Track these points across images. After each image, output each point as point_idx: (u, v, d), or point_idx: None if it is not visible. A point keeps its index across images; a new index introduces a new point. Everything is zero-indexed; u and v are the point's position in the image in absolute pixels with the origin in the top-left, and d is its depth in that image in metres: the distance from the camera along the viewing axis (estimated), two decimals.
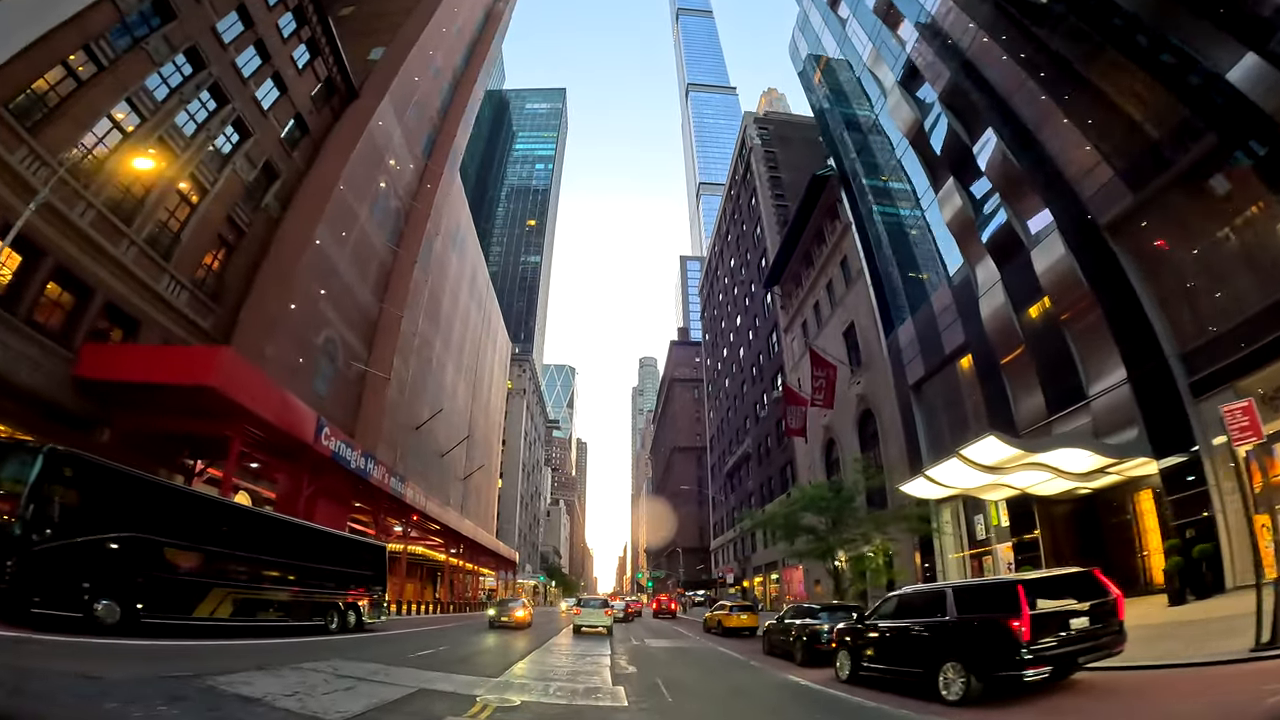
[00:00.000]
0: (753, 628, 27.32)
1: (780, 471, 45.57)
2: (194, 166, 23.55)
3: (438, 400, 50.82)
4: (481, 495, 64.84)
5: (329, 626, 19.01)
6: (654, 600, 48.27)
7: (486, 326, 69.13)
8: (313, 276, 33.19)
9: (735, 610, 27.34)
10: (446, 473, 53.34)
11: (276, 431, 22.61)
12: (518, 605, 27.99)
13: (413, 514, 35.34)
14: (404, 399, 44.21)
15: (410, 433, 45.69)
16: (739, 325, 61.83)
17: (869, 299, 33.77)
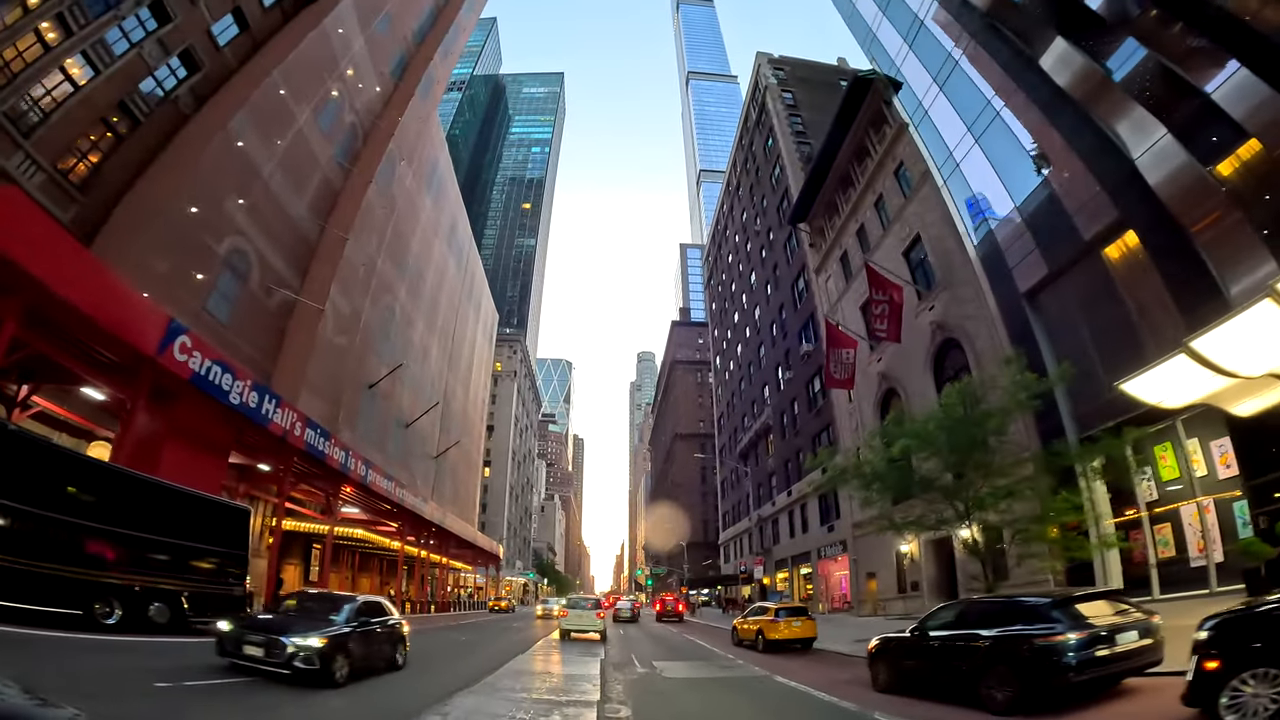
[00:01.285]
0: (809, 640, 18.77)
1: (813, 441, 36.91)
2: (87, 45, 19.51)
3: (401, 357, 42.14)
4: (459, 479, 56.05)
5: (103, 620, 10.51)
6: (657, 600, 39.40)
7: (468, 289, 60.49)
8: (224, 177, 25.91)
9: (783, 615, 18.69)
10: (412, 447, 44.65)
11: (92, 327, 14.08)
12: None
13: (344, 484, 26.65)
14: (353, 348, 35.56)
15: (362, 392, 37.05)
16: (753, 284, 53.34)
17: (941, 204, 25.38)
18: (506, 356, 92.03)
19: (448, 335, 53.23)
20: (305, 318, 31.22)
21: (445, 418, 51.76)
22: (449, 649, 17.82)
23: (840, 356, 30.49)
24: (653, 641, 23.61)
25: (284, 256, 30.70)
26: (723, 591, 68.69)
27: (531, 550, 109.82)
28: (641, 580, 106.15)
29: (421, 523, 36.34)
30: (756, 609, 20.67)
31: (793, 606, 19.92)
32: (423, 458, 46.37)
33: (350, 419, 35.14)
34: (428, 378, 47.95)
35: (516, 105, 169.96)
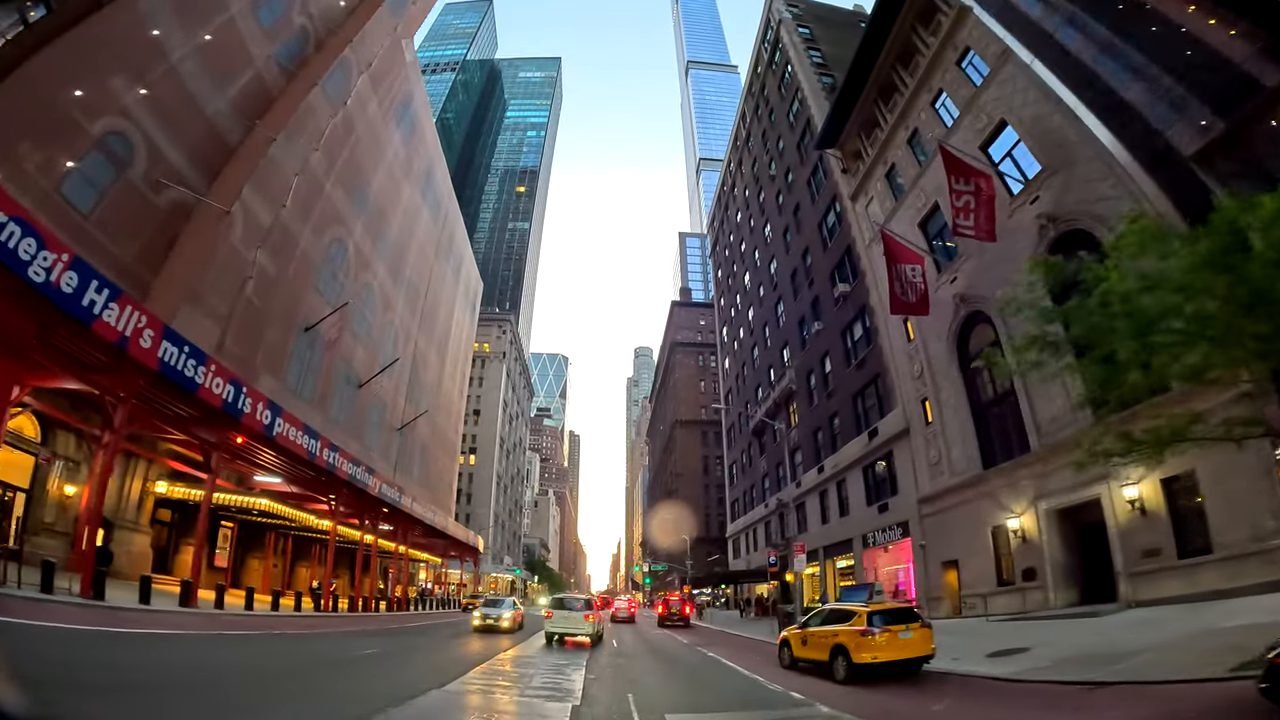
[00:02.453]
0: (920, 660, 11.13)
1: (854, 401, 29.25)
2: None
3: (353, 303, 34.49)
4: (432, 460, 48.14)
5: None
6: (659, 602, 31.53)
7: (446, 247, 52.73)
8: (116, 54, 20.11)
9: (881, 622, 10.95)
10: (367, 414, 36.93)
11: None
12: None
13: (232, 432, 18.85)
14: (283, 278, 28.18)
15: (296, 334, 29.44)
16: (767, 236, 45.75)
17: (1033, 81, 18.44)
18: (495, 337, 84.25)
19: (417, 291, 45.45)
20: (205, 225, 23.66)
21: (414, 386, 43.96)
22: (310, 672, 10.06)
23: (904, 275, 22.93)
24: (657, 661, 15.82)
25: (187, 153, 23.51)
26: (729, 591, 60.86)
27: (522, 546, 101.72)
28: (639, 578, 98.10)
29: (367, 501, 28.51)
30: (830, 613, 12.84)
31: (896, 608, 12.08)
32: (381, 428, 38.56)
33: (275, 364, 27.47)
34: (389, 334, 40.16)
35: (512, 89, 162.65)
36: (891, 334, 26.67)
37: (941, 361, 23.13)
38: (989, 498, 19.77)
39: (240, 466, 24.44)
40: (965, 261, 22.31)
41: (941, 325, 23.17)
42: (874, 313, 28.68)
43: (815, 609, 14.03)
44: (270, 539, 30.38)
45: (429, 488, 45.90)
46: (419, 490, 42.95)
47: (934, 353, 23.64)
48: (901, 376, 25.42)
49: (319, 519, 28.63)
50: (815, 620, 12.99)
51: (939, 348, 23.33)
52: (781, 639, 14.12)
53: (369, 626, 20.90)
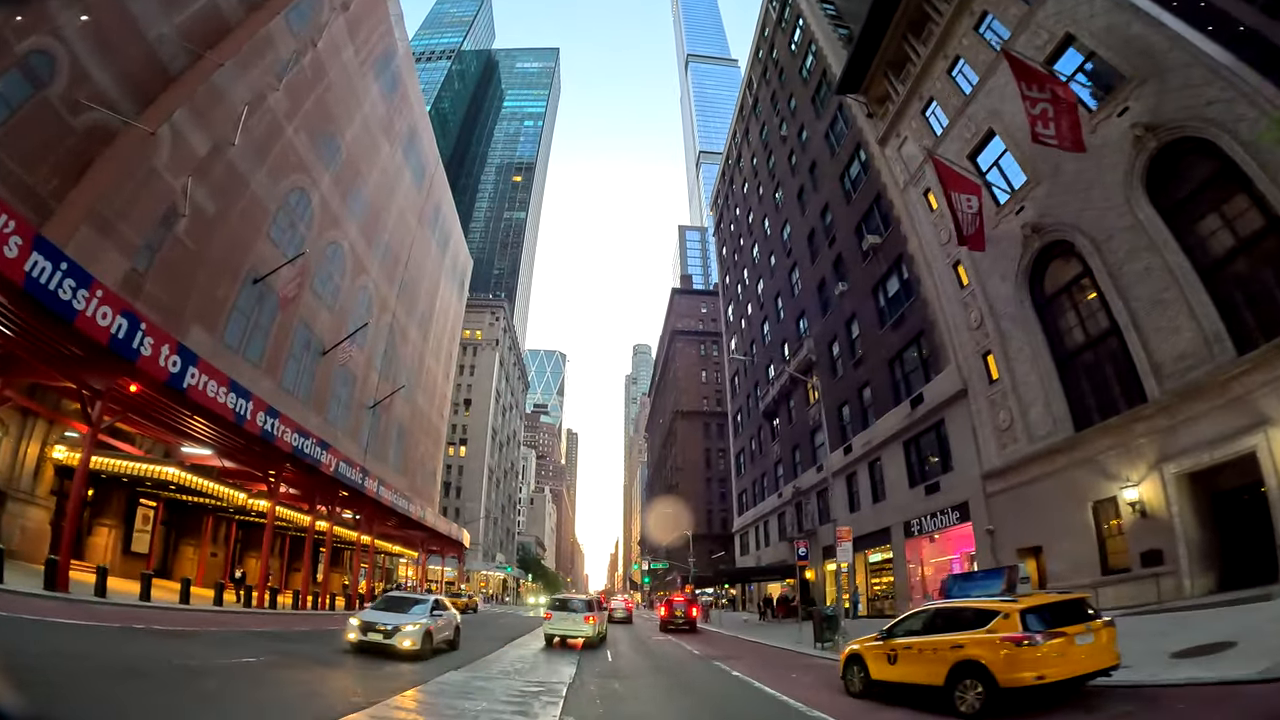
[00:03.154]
0: (1101, 673, 6.71)
1: (892, 364, 24.94)
2: None
3: (313, 257, 30.15)
4: (412, 445, 43.62)
5: None
6: (662, 604, 26.97)
7: (432, 217, 48.32)
8: None
9: (1041, 623, 6.56)
10: (333, 387, 32.57)
11: None
12: None
13: (127, 380, 14.42)
14: (226, 220, 23.92)
15: (243, 285, 25.09)
16: (778, 201, 41.49)
17: None
18: (488, 324, 79.78)
19: (396, 258, 41.02)
20: (126, 148, 19.42)
21: (391, 362, 39.51)
22: None
23: (962, 205, 18.69)
24: (666, 684, 11.29)
25: (118, 77, 19.66)
26: (734, 591, 56.39)
27: (516, 543, 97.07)
28: (637, 578, 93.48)
29: (320, 481, 24.03)
30: (937, 614, 8.36)
31: (1062, 601, 7.56)
32: (349, 404, 34.10)
33: (209, 315, 23.08)
34: (360, 300, 35.72)
35: (510, 80, 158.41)
36: (939, 281, 22.33)
37: (1008, 305, 18.80)
38: (1087, 465, 15.42)
39: (158, 433, 19.96)
40: (1034, 189, 18.09)
41: (1007, 263, 18.87)
42: (913, 261, 24.38)
43: (911, 612, 9.49)
44: (207, 524, 25.84)
45: (407, 475, 41.36)
46: (394, 477, 38.43)
47: (997, 296, 19.30)
48: (954, 329, 21.04)
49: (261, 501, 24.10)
50: (910, 625, 8.55)
51: (1004, 289, 18.99)
52: (848, 654, 9.66)
53: (274, 627, 16.29)
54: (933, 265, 23.14)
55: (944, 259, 22.49)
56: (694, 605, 26.31)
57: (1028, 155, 18.24)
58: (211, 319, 23.41)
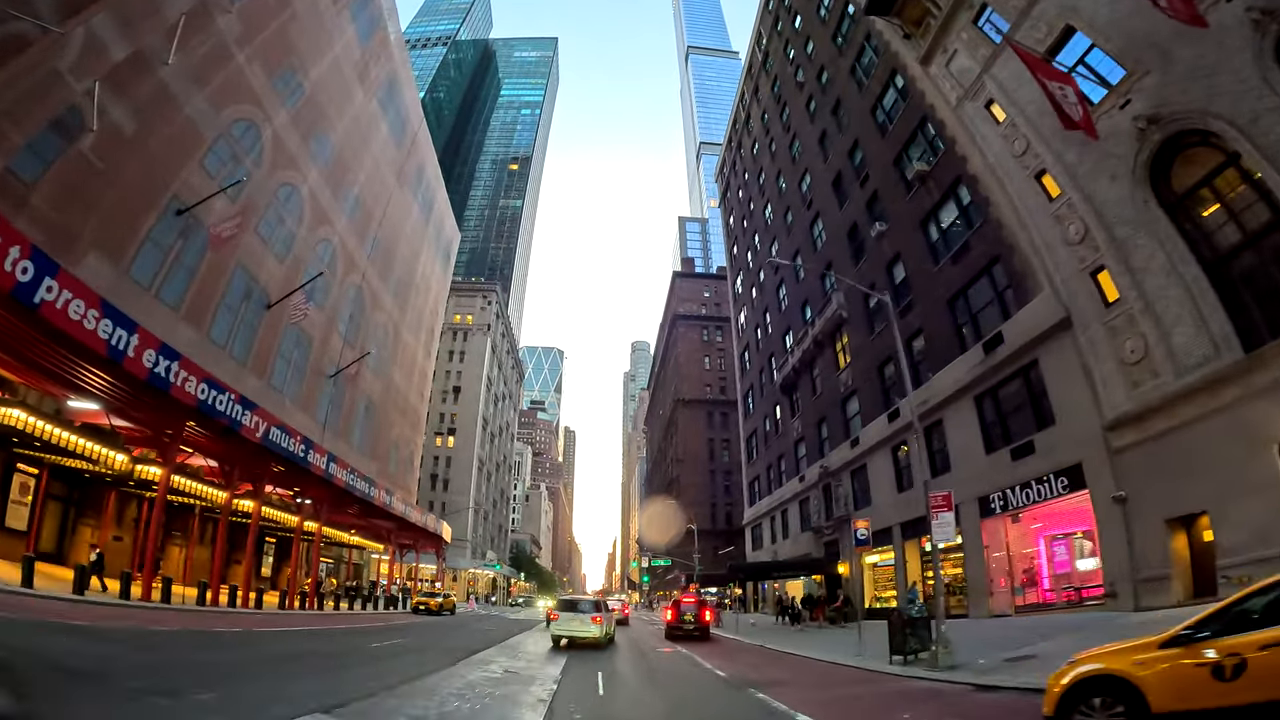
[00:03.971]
0: None
1: (954, 303, 20.08)
2: None
3: (260, 195, 25.33)
4: (384, 424, 38.54)
5: None
6: (668, 607, 21.58)
7: (414, 177, 43.40)
8: None
9: None
10: (282, 347, 27.67)
11: None
12: None
13: None
14: (151, 143, 18.87)
15: (163, 215, 20.12)
16: (796, 153, 36.71)
17: None
18: (480, 308, 74.73)
19: (368, 214, 36.13)
20: (36, 52, 14.43)
21: (358, 327, 34.53)
22: None
23: (1059, 95, 13.89)
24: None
25: None
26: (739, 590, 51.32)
27: (509, 541, 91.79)
28: (635, 576, 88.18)
29: (243, 450, 19.04)
30: None
31: None
32: (301, 370, 29.08)
33: (114, 244, 18.48)
34: (321, 252, 30.81)
35: (507, 69, 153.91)
36: (1017, 198, 17.44)
37: (1124, 208, 13.96)
38: (1267, 395, 10.51)
39: (37, 380, 15.02)
40: (1141, 79, 13.51)
41: (1116, 162, 14.11)
42: (976, 182, 19.55)
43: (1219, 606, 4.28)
44: (108, 500, 20.76)
45: (376, 458, 36.27)
46: (360, 459, 33.36)
47: (1107, 200, 14.43)
48: (1046, 249, 16.13)
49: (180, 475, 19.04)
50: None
51: (1115, 191, 14.16)
52: (1080, 678, 4.64)
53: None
54: (1006, 181, 18.34)
55: (1021, 172, 17.70)
56: (707, 608, 21.21)
57: (1125, 46, 14.04)
58: (115, 247, 18.46)
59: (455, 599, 32.10)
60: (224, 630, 13.70)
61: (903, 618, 11.59)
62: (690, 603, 21.22)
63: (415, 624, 22.62)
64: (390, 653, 12.57)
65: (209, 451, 19.68)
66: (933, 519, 11.67)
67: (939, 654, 10.65)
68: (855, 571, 23.82)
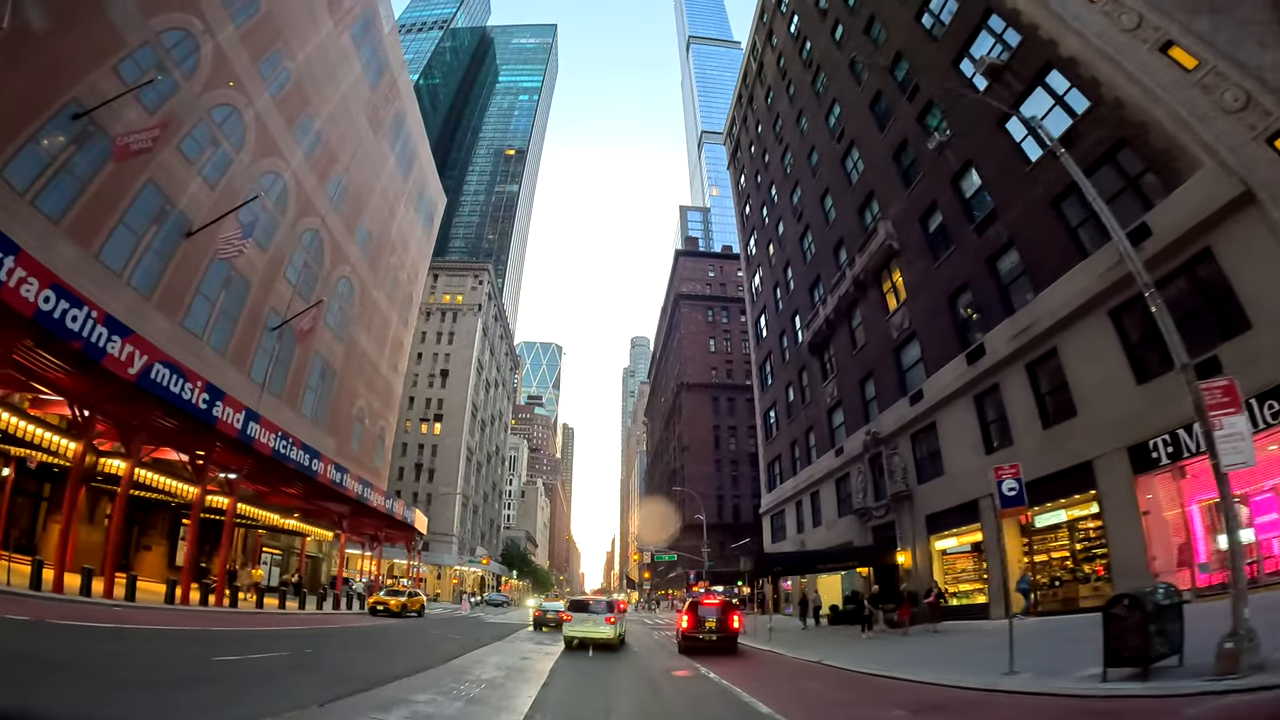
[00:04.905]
0: None
1: (1060, 202, 14.82)
2: None
3: (187, 111, 20.18)
4: (341, 393, 33.16)
5: None
6: (683, 611, 15.68)
7: (390, 124, 38.21)
8: None
9: None
10: (204, 285, 22.37)
11: None
12: None
13: None
14: (51, 36, 13.21)
15: (58, 119, 14.66)
16: (821, 86, 31.53)
17: None
18: (470, 288, 69.34)
19: (331, 155, 31.22)
20: None
21: (316, 280, 29.27)
22: None
23: None
24: None
25: None
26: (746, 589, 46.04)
27: (502, 537, 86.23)
28: (635, 575, 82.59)
29: (121, 394, 13.74)
30: None
31: None
32: (231, 314, 23.75)
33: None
34: (264, 183, 25.79)
35: (505, 55, 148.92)
36: (1141, 73, 12.73)
37: None
38: None
39: None
40: None
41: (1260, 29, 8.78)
42: (1076, 65, 14.71)
43: None
44: None
45: (335, 433, 30.87)
46: (311, 430, 27.99)
47: (1264, 65, 9.05)
48: (1200, 121, 11.22)
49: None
50: None
51: (1272, 57, 8.72)
52: None
53: None
54: (1121, 59, 13.36)
55: (1139, 46, 13.21)
56: (735, 612, 15.70)
57: None
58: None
59: (424, 599, 26.64)
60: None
61: (1152, 605, 6.22)
62: (713, 605, 15.76)
63: (350, 630, 17.20)
64: (218, 677, 7.23)
65: (64, 390, 14.35)
66: (1214, 428, 6.32)
67: (1243, 649, 5.41)
68: (923, 561, 18.43)
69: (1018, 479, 9.36)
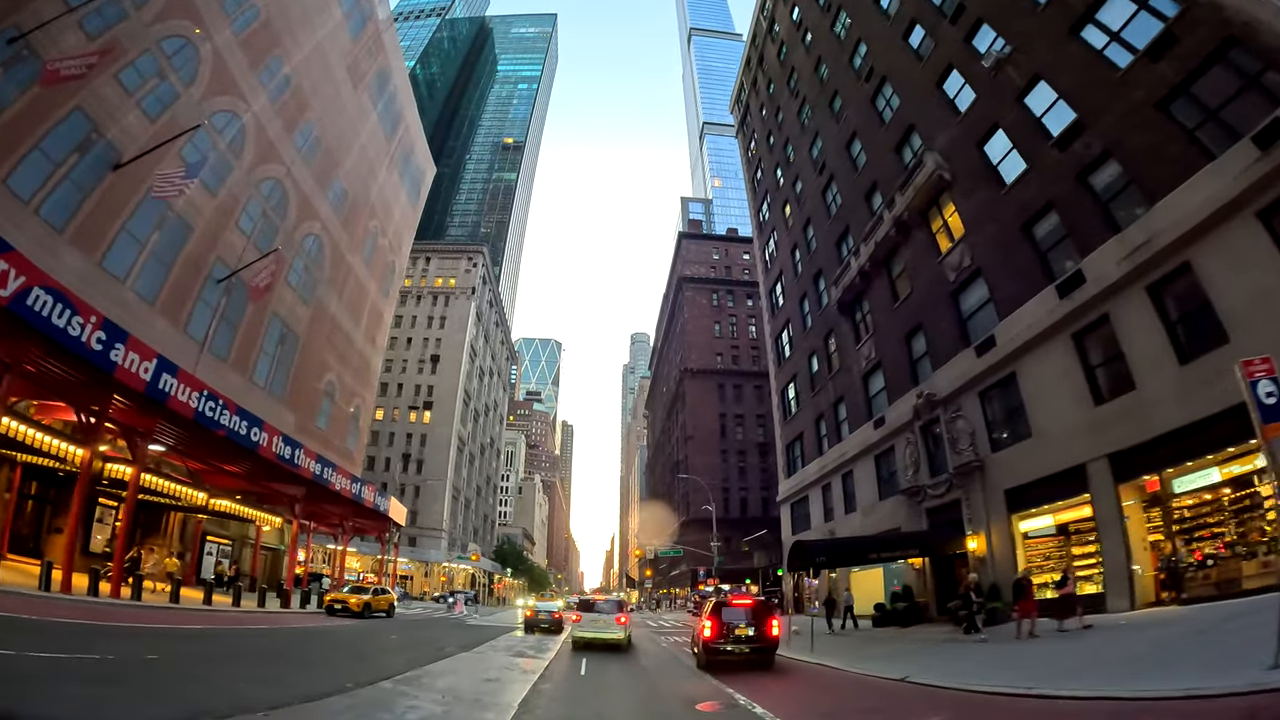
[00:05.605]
0: None
1: (1169, 103, 11.11)
2: None
3: (131, 41, 16.59)
4: (306, 360, 29.46)
5: None
6: (706, 616, 11.59)
7: (372, 76, 34.70)
8: None
9: None
10: (131, 222, 18.85)
11: None
12: None
13: None
14: None
15: None
16: (842, 28, 27.87)
17: None
18: (464, 271, 65.66)
19: (301, 103, 28.03)
20: None
21: (280, 232, 25.58)
22: None
23: None
24: None
25: None
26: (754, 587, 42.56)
27: (496, 534, 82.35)
28: (636, 572, 78.75)
29: None
30: None
31: None
32: (165, 260, 20.17)
33: None
34: (218, 123, 22.26)
35: (504, 44, 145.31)
36: None
37: None
38: None
39: None
40: None
41: None
42: None
43: None
44: None
45: (297, 408, 27.17)
46: (265, 403, 24.32)
47: None
48: None
49: None
50: None
51: None
52: None
53: None
54: None
55: None
56: (773, 615, 11.86)
57: None
58: None
59: (393, 596, 22.84)
60: None
61: None
62: (744, 606, 12.00)
63: (273, 632, 13.49)
64: None
65: None
66: None
67: None
68: (1001, 545, 14.68)
69: (1276, 378, 5.64)
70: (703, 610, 12.96)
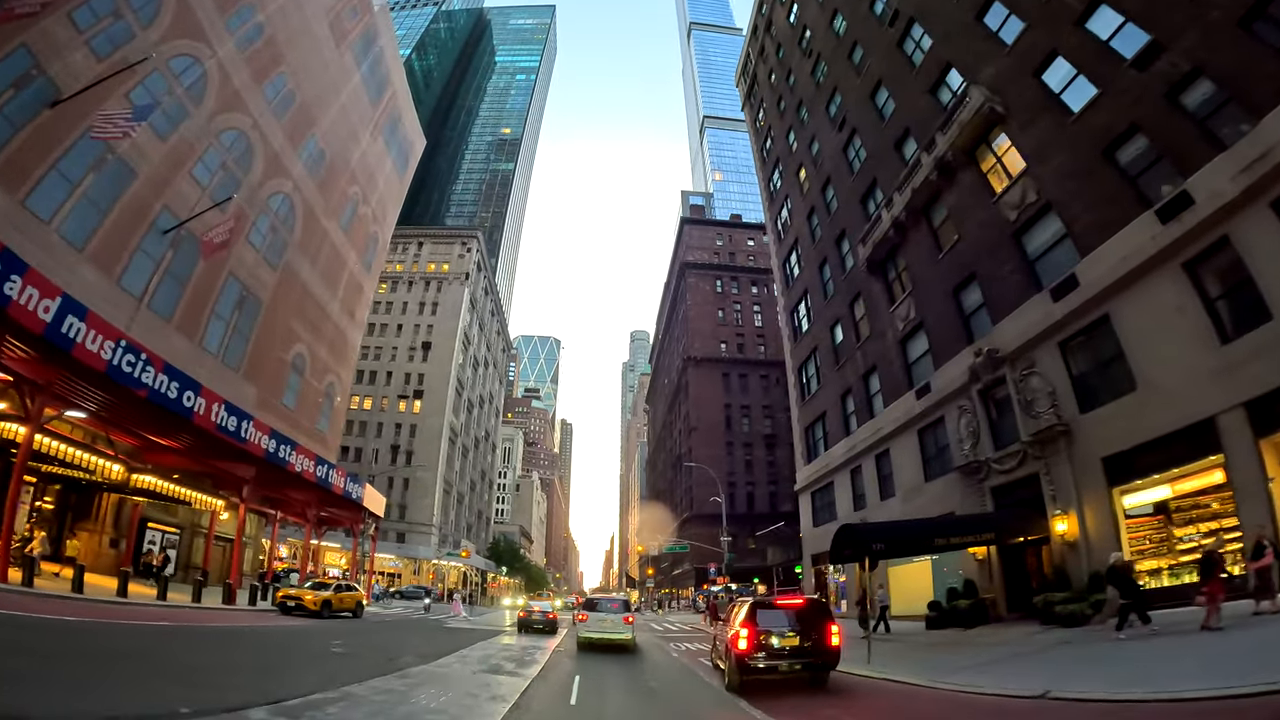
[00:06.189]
0: None
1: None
2: None
3: None
4: (271, 331, 26.68)
5: None
6: (741, 623, 8.82)
7: (358, 38, 32.04)
8: None
9: None
10: (70, 158, 15.95)
11: None
12: None
13: None
14: None
15: None
16: None
17: None
18: (457, 256, 62.88)
19: (275, 55, 25.73)
20: None
21: (244, 188, 22.76)
22: None
23: None
24: None
25: None
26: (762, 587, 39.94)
27: (492, 531, 79.39)
28: (637, 571, 75.77)
29: None
30: None
31: None
32: (102, 206, 17.46)
33: None
34: (177, 67, 19.70)
35: (502, 35, 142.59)
36: None
37: None
38: None
39: None
40: None
41: None
42: None
43: None
44: None
45: (258, 382, 24.36)
46: (220, 374, 21.53)
47: None
48: None
49: None
50: None
51: None
52: None
53: None
54: None
55: None
56: (831, 621, 8.96)
57: None
58: None
59: (361, 594, 19.96)
60: None
61: None
62: (790, 608, 9.09)
63: (175, 631, 10.69)
64: None
65: None
66: None
67: None
68: (1098, 526, 11.90)
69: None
70: (732, 614, 9.92)
